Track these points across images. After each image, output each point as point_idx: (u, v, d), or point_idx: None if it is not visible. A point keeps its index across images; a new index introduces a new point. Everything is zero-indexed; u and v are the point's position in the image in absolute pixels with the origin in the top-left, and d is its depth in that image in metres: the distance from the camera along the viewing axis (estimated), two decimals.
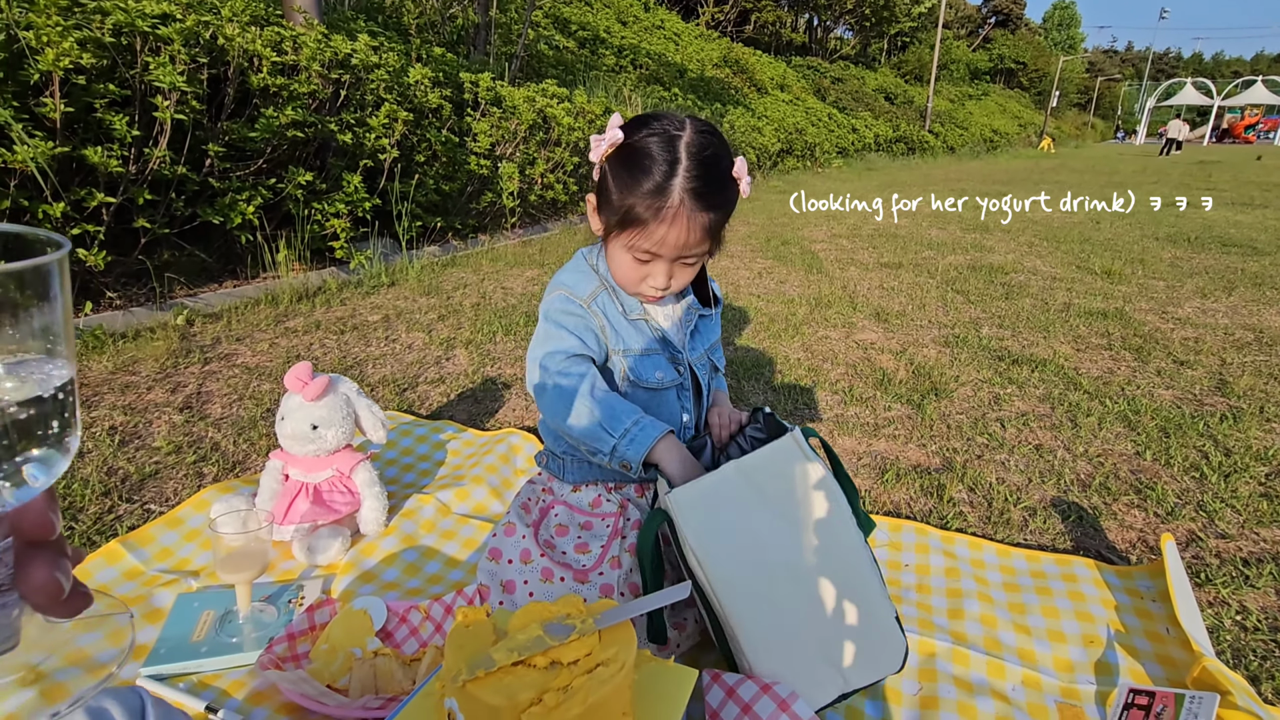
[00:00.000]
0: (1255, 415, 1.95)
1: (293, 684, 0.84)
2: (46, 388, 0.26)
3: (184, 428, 1.67)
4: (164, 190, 2.72)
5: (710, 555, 0.84)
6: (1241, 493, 1.53)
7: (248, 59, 2.98)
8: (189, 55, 2.62)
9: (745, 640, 0.83)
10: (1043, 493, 1.52)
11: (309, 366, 1.21)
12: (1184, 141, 23.39)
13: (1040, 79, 37.62)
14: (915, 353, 2.46)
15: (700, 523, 0.85)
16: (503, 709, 0.58)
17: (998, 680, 0.97)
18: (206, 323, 2.51)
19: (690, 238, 0.93)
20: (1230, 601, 1.17)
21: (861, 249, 4.60)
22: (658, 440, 0.94)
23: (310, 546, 1.16)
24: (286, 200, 3.16)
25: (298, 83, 3.11)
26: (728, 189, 0.95)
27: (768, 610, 0.84)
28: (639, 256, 0.96)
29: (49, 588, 0.29)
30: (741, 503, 0.87)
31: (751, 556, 0.85)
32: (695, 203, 0.91)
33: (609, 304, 1.03)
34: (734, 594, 0.84)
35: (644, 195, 0.91)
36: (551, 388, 1.01)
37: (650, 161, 0.91)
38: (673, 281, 1.00)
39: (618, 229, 0.96)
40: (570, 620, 0.66)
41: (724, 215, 0.96)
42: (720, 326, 1.20)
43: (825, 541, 0.87)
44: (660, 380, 1.05)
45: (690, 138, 0.92)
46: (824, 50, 24.92)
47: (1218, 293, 3.49)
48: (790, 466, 0.89)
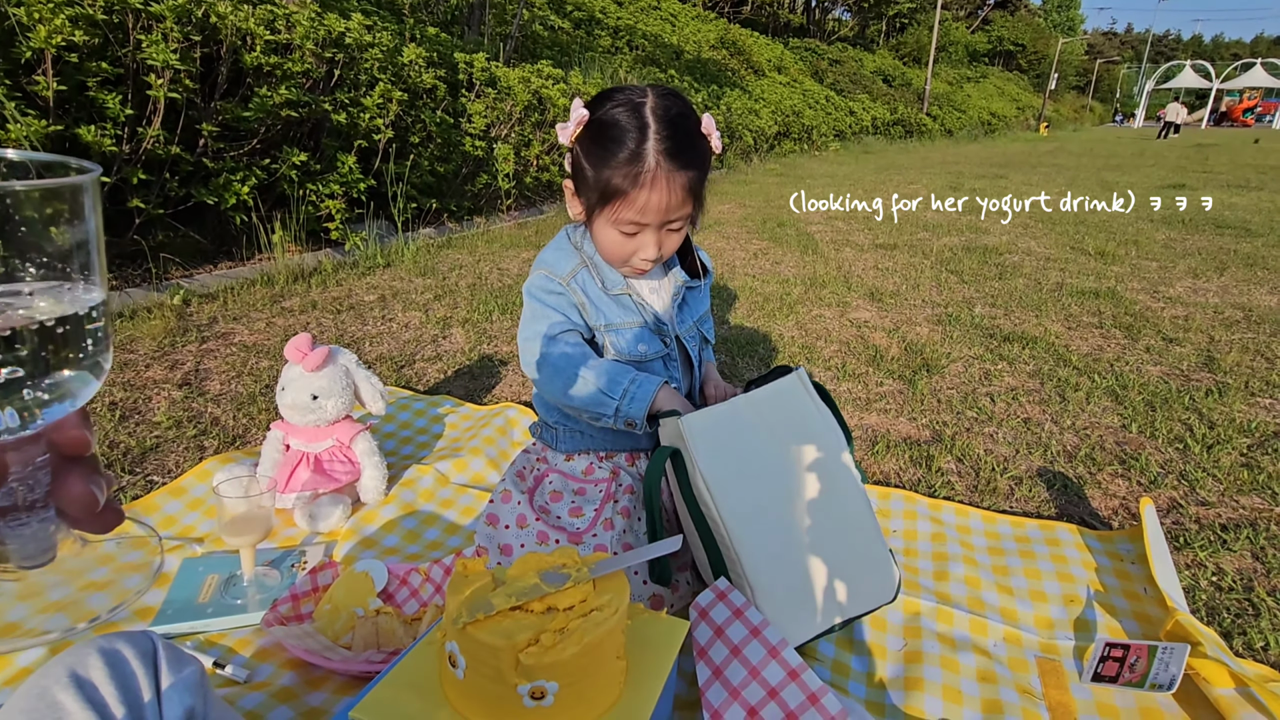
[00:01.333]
0: (1240, 390, 1.98)
1: (297, 639, 0.87)
2: (81, 306, 0.28)
3: (183, 403, 1.69)
4: (158, 170, 2.71)
5: (718, 481, 0.88)
6: (1223, 463, 1.56)
7: (240, 37, 2.96)
8: (181, 33, 2.60)
9: (748, 566, 0.86)
10: (1029, 463, 1.56)
11: (309, 338, 1.22)
12: (1182, 125, 23.30)
13: (1039, 61, 37.37)
14: (908, 331, 2.49)
15: (710, 449, 0.89)
16: (501, 649, 0.60)
17: (980, 637, 1.01)
18: (203, 303, 2.52)
19: (672, 199, 0.94)
20: (1207, 564, 1.20)
21: (857, 231, 4.61)
22: (656, 392, 0.97)
23: (312, 514, 1.19)
24: (281, 181, 3.15)
25: (291, 62, 3.10)
26: (699, 146, 0.97)
27: (770, 537, 0.87)
28: (625, 230, 0.98)
29: (84, 499, 0.31)
30: (749, 433, 0.91)
31: (756, 484, 0.89)
32: (671, 163, 0.92)
33: (589, 281, 1.05)
34: (739, 519, 0.87)
35: (620, 164, 0.92)
36: (546, 363, 1.04)
37: (620, 131, 0.92)
38: (663, 249, 1.02)
39: (599, 205, 0.97)
40: (566, 569, 0.69)
41: (701, 173, 0.97)
42: (709, 298, 1.21)
43: (825, 475, 0.91)
44: (644, 353, 1.06)
45: (654, 102, 0.94)
46: (822, 32, 24.70)
47: (1210, 273, 3.52)
48: (795, 403, 0.94)
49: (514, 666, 0.60)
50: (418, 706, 0.65)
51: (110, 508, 0.32)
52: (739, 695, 0.76)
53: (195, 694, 0.60)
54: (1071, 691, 0.91)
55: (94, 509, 0.31)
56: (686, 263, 1.16)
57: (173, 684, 0.59)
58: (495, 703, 0.62)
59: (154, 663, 0.61)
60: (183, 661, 0.62)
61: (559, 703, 0.62)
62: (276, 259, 3.05)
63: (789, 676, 0.76)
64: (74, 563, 0.34)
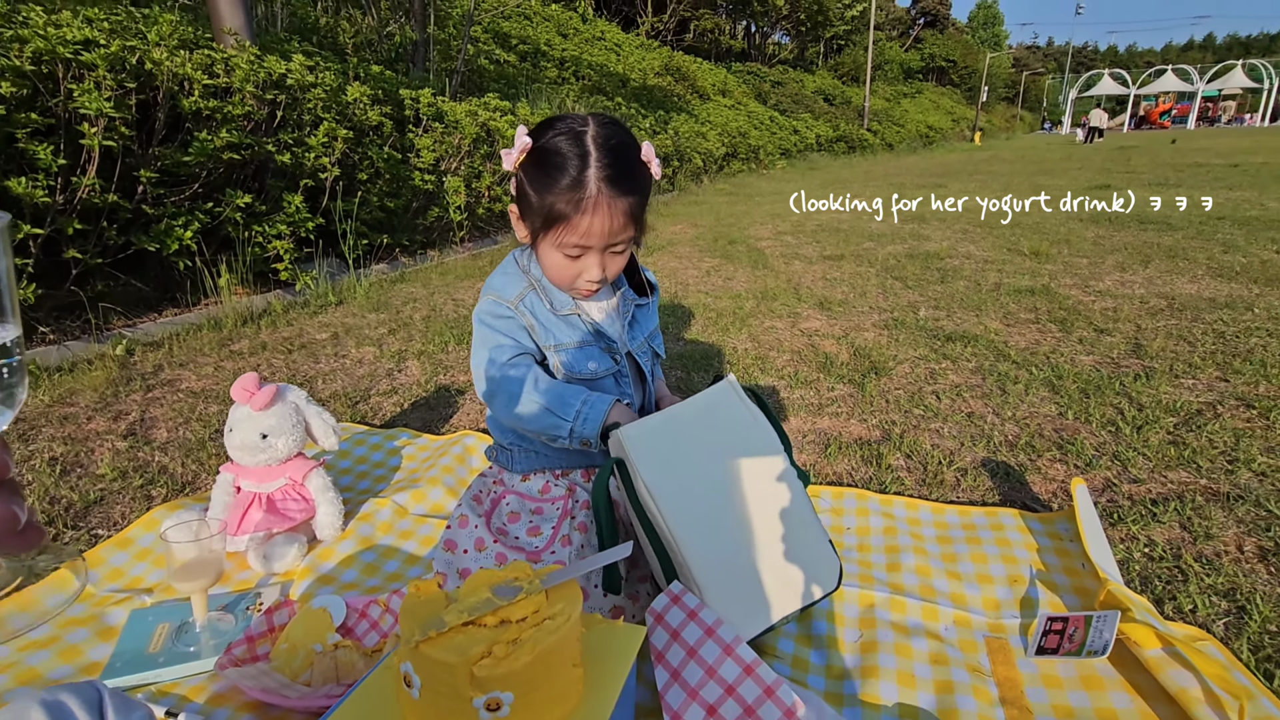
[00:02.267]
0: (1166, 373, 2.10)
1: (253, 679, 0.85)
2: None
3: (129, 453, 1.64)
4: (94, 219, 2.65)
5: (660, 488, 0.91)
6: (1152, 442, 1.65)
7: (178, 83, 2.93)
8: (115, 80, 2.57)
9: (696, 569, 0.89)
10: (974, 454, 1.62)
11: (256, 377, 1.21)
12: (1105, 129, 24.62)
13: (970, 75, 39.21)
14: (857, 336, 2.57)
15: (650, 458, 0.92)
16: (455, 665, 0.61)
17: (932, 622, 1.04)
18: (147, 351, 2.45)
19: (614, 223, 0.98)
20: (1140, 537, 1.27)
21: (806, 244, 4.74)
22: (609, 410, 1.00)
23: (266, 554, 1.17)
24: (225, 224, 3.11)
25: (231, 105, 3.08)
26: (639, 173, 1.01)
27: (715, 538, 0.90)
28: (569, 253, 1.01)
29: (6, 519, 0.32)
30: (686, 440, 0.95)
31: (697, 489, 0.92)
32: (612, 189, 0.96)
33: (537, 303, 1.07)
34: (683, 525, 0.90)
35: (562, 191, 0.96)
36: (499, 389, 1.05)
37: (562, 158, 0.96)
38: (607, 272, 1.05)
39: (543, 229, 1.00)
40: (518, 582, 0.70)
41: (642, 199, 1.01)
42: (658, 314, 1.25)
43: (761, 475, 0.96)
44: (594, 370, 1.09)
45: (595, 131, 0.98)
46: (763, 55, 25.48)
47: (1135, 266, 3.72)
48: (727, 408, 0.99)
49: (468, 680, 0.61)
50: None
51: (32, 526, 0.33)
52: (697, 695, 0.78)
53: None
54: (1018, 666, 0.95)
55: (15, 527, 0.32)
56: (633, 281, 1.20)
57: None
58: (451, 718, 0.63)
59: (99, 711, 0.60)
60: (130, 707, 0.61)
61: (515, 713, 0.63)
62: (224, 302, 2.99)
63: (745, 672, 0.78)
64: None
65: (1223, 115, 40.35)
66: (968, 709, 0.87)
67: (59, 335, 2.61)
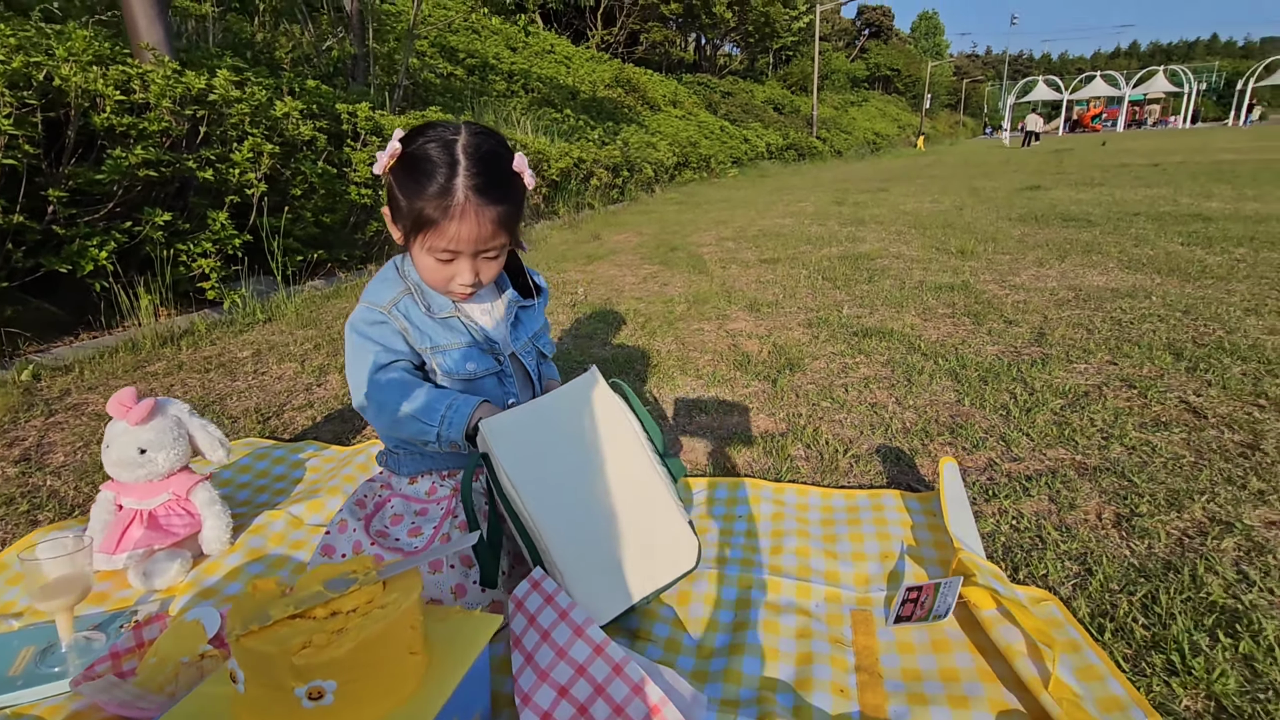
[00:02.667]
0: (1061, 360, 2.21)
1: (105, 692, 0.84)
2: None
3: (18, 479, 1.60)
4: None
5: (522, 478, 0.94)
6: (1038, 423, 1.74)
7: (89, 99, 2.86)
8: (15, 98, 2.50)
9: (556, 555, 0.92)
10: (870, 442, 1.68)
11: (133, 391, 1.20)
12: (1041, 133, 25.66)
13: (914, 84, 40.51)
14: (780, 335, 2.63)
15: (512, 448, 0.95)
16: (274, 655, 0.62)
17: (804, 600, 1.09)
18: (55, 375, 2.38)
19: (482, 231, 1.00)
20: (1010, 511, 1.34)
21: (745, 249, 4.84)
22: (473, 412, 1.01)
23: (146, 571, 1.15)
24: (145, 243, 3.04)
25: (147, 121, 3.01)
26: (510, 183, 1.04)
27: (574, 522, 0.95)
28: (440, 257, 1.03)
29: None
30: (548, 430, 0.98)
31: (559, 477, 0.96)
32: (480, 198, 0.98)
33: (412, 306, 1.09)
34: (544, 512, 0.93)
35: (430, 198, 0.98)
36: (370, 400, 1.07)
37: (431, 165, 0.98)
38: (480, 276, 1.07)
39: (413, 233, 1.02)
40: (353, 575, 0.71)
41: (513, 208, 1.04)
42: (544, 315, 1.27)
43: (621, 461, 1.00)
44: (473, 371, 1.10)
45: (466, 140, 1.00)
46: (714, 67, 25.92)
47: (1052, 260, 3.89)
48: (589, 398, 1.02)
49: (288, 670, 0.62)
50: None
51: None
52: (548, 676, 0.80)
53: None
54: (877, 635, 1.00)
55: None
56: (519, 283, 1.22)
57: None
58: (275, 708, 0.64)
59: None
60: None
61: (341, 700, 0.64)
62: (142, 324, 2.92)
63: (595, 652, 0.81)
64: None
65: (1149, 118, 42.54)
66: (823, 677, 0.91)
67: None
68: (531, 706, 0.79)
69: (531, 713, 0.79)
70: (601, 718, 0.79)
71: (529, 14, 14.47)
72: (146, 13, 3.56)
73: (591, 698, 0.80)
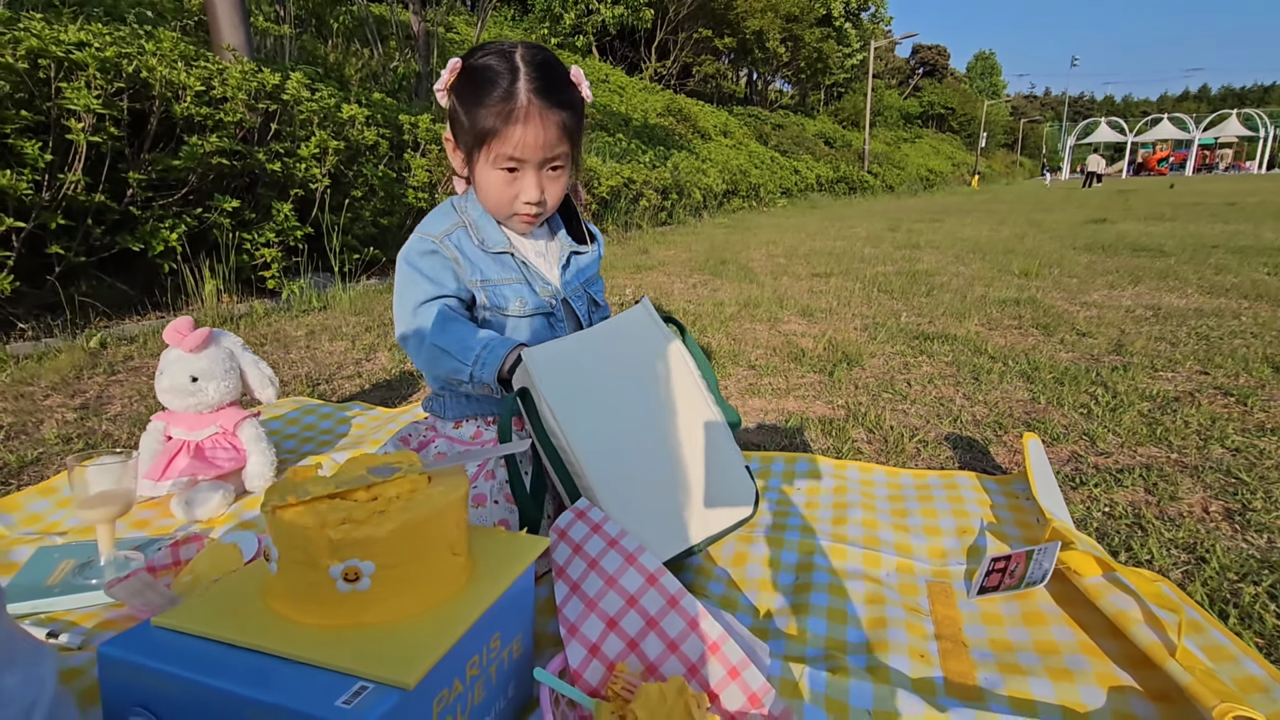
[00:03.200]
0: (1145, 367, 2.05)
1: (137, 594, 0.81)
2: None
3: (76, 423, 1.62)
4: (80, 218, 2.68)
5: (564, 409, 0.87)
6: (1124, 422, 1.60)
7: (172, 90, 3.01)
8: (105, 81, 2.63)
9: (600, 491, 0.84)
10: (939, 430, 1.57)
11: (189, 320, 1.20)
12: (1104, 174, 24.92)
13: (969, 122, 40.05)
14: (835, 335, 2.54)
15: (556, 381, 0.88)
16: (311, 529, 0.57)
17: (872, 569, 0.99)
18: (121, 344, 2.45)
19: (547, 135, 0.96)
20: (1101, 499, 1.21)
21: (797, 264, 4.76)
22: (507, 356, 0.96)
23: (188, 500, 1.13)
24: (213, 229, 3.15)
25: (223, 112, 3.15)
26: (570, 90, 1.00)
27: (621, 461, 0.86)
28: (505, 167, 0.99)
29: None
30: (595, 363, 0.91)
31: (606, 413, 0.88)
32: (543, 100, 0.95)
33: (464, 238, 1.05)
34: (588, 445, 0.86)
35: (493, 104, 0.95)
36: (411, 335, 1.03)
37: (492, 74, 0.96)
38: (546, 194, 1.03)
39: (477, 147, 0.99)
40: (397, 464, 0.66)
41: (575, 116, 1.00)
42: (598, 266, 1.23)
43: (674, 398, 0.91)
44: (520, 308, 1.06)
45: (523, 51, 0.98)
46: (764, 101, 26.15)
47: (1125, 284, 3.70)
48: (641, 331, 0.94)
49: (324, 546, 0.57)
50: (225, 609, 0.61)
51: None
52: (596, 606, 0.73)
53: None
54: (959, 607, 0.90)
55: None
56: (573, 229, 1.18)
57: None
58: (308, 591, 0.59)
59: None
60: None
61: (378, 587, 0.59)
62: (206, 308, 3.00)
63: (648, 582, 0.74)
64: None
65: (1220, 163, 40.92)
66: (899, 641, 0.82)
67: (40, 333, 2.61)
68: (579, 637, 0.72)
69: (579, 644, 0.72)
70: (654, 654, 0.72)
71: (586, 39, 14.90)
72: (230, 18, 3.76)
73: (643, 631, 0.72)
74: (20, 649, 0.55)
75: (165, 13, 5.09)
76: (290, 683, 0.53)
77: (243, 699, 0.52)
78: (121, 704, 0.58)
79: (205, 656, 0.56)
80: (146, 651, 0.57)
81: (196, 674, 0.54)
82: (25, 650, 0.55)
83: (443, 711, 0.58)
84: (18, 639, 0.56)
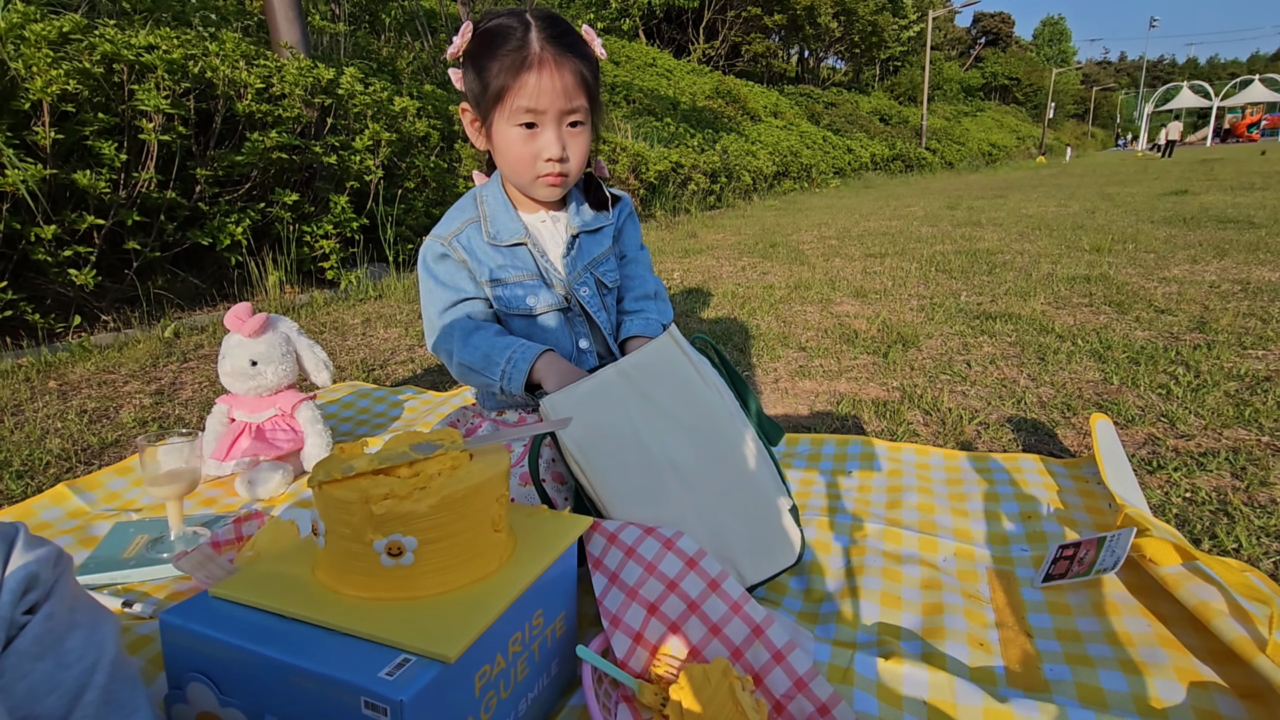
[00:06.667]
0: (1233, 345, 1.91)
1: (201, 566, 0.84)
2: None
3: (152, 407, 1.71)
4: (154, 214, 2.83)
5: (592, 461, 0.82)
6: (1208, 403, 1.49)
7: (235, 89, 3.13)
8: (173, 81, 2.75)
9: None
10: (1001, 412, 1.50)
11: (248, 305, 1.24)
12: (1175, 142, 23.22)
13: (1035, 93, 38.00)
14: (890, 317, 2.45)
15: (579, 428, 0.83)
16: (355, 503, 0.58)
17: (929, 554, 0.95)
18: (193, 334, 2.58)
19: (564, 81, 0.93)
20: (1181, 483, 1.13)
21: (849, 245, 4.62)
22: (534, 363, 0.94)
23: (251, 479, 1.18)
24: (274, 222, 3.27)
25: (282, 108, 3.25)
26: (582, 44, 0.97)
27: (654, 510, 0.81)
28: (523, 121, 0.95)
29: None
30: (622, 404, 0.84)
31: (635, 459, 0.83)
32: (555, 47, 0.93)
33: (474, 235, 1.02)
34: (618, 499, 0.82)
35: (506, 57, 0.92)
36: (440, 349, 1.03)
37: (504, 29, 0.94)
38: (569, 151, 0.98)
39: (494, 106, 0.95)
40: (439, 441, 0.67)
41: (590, 67, 0.97)
42: (611, 239, 1.11)
43: (712, 438, 0.85)
44: (533, 307, 1.02)
45: (534, 9, 0.97)
46: (817, 79, 25.43)
47: (1209, 258, 3.45)
48: (670, 365, 0.87)
49: (368, 520, 0.58)
50: (277, 581, 0.63)
51: None
52: (637, 594, 0.72)
53: (42, 565, 0.58)
54: (1022, 595, 0.85)
55: None
56: (592, 198, 1.11)
57: (21, 555, 0.58)
58: (354, 563, 0.60)
59: (10, 544, 0.60)
60: (40, 543, 0.61)
61: (421, 561, 0.59)
62: (270, 299, 3.13)
63: (687, 566, 0.72)
64: None
65: None
66: (957, 628, 0.78)
67: (120, 325, 2.77)
68: (622, 628, 0.71)
69: (623, 635, 0.71)
70: (696, 638, 0.71)
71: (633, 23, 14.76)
72: (286, 15, 3.88)
73: (684, 615, 0.71)
74: (82, 612, 0.58)
75: (228, 15, 5.29)
76: (336, 653, 0.54)
77: (290, 667, 0.54)
78: (181, 669, 0.61)
79: (257, 626, 0.58)
80: (203, 620, 0.60)
81: (247, 642, 0.56)
82: (87, 612, 0.58)
83: (485, 686, 0.59)
84: (82, 602, 0.59)
